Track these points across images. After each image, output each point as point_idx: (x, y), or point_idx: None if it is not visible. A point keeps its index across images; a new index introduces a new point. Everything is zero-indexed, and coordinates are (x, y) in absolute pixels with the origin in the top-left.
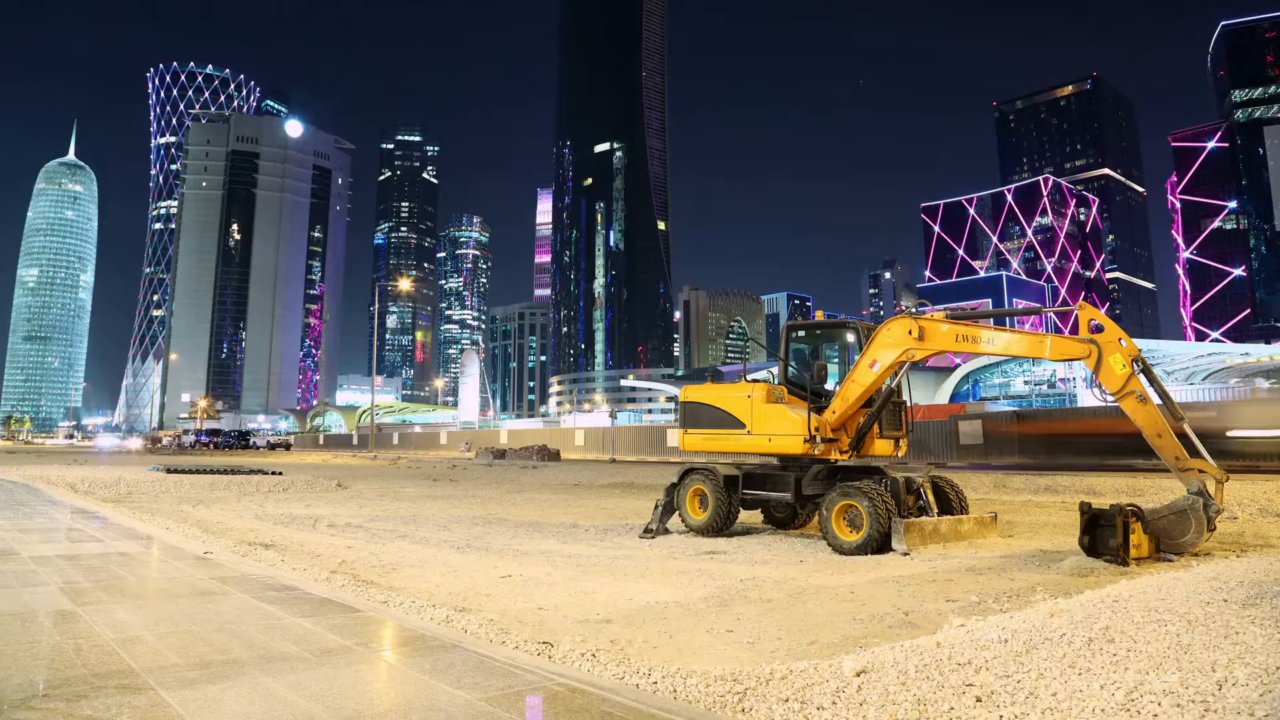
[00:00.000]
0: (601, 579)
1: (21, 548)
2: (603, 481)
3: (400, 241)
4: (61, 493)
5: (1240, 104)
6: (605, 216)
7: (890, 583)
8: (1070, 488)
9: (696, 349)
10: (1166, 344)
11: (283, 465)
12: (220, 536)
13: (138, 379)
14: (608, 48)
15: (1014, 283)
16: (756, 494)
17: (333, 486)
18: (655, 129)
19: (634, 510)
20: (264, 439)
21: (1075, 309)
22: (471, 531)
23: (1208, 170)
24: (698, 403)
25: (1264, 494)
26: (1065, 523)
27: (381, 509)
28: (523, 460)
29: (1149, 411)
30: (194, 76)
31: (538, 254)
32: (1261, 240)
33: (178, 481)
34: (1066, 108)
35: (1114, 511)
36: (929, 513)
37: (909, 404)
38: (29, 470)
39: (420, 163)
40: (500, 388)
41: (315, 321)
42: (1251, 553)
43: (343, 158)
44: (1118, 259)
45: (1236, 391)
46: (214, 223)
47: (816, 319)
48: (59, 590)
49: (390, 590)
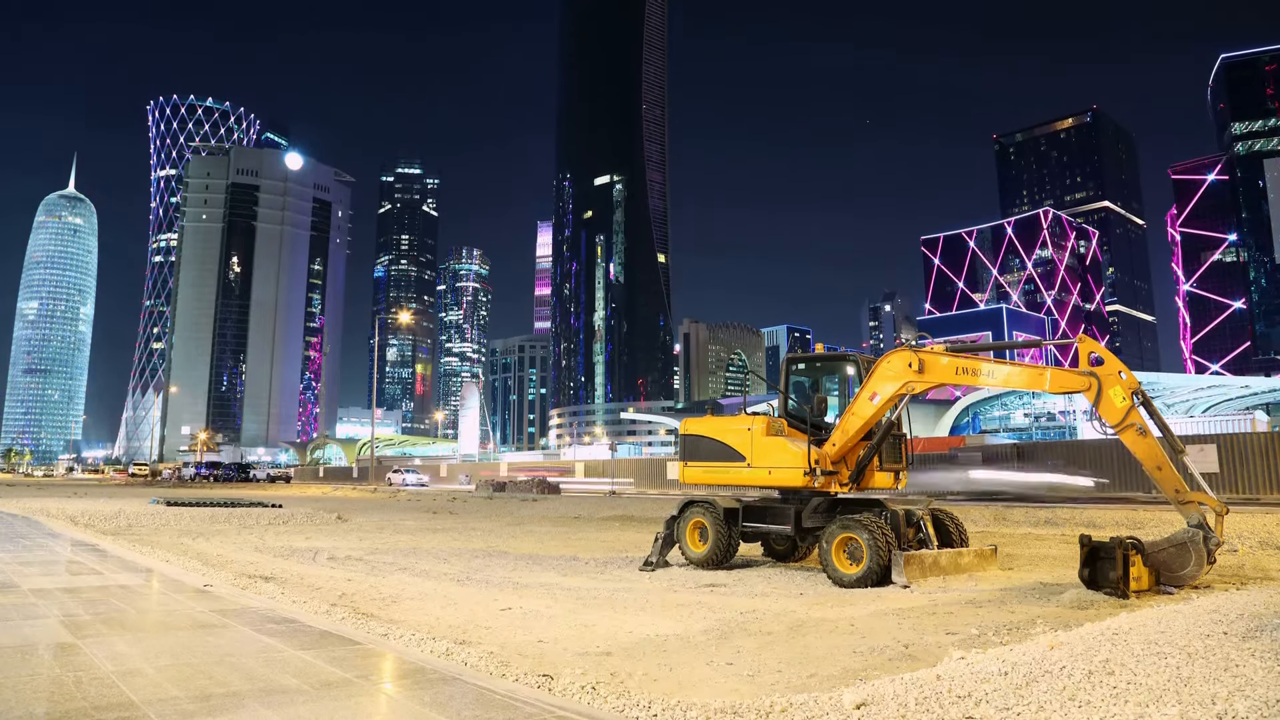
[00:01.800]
0: (601, 611)
1: (22, 580)
2: (602, 514)
3: (400, 274)
4: (61, 525)
5: (1240, 136)
6: (605, 249)
7: (890, 615)
8: (1070, 520)
9: (696, 382)
10: (1166, 377)
11: (283, 498)
12: (220, 569)
13: (138, 411)
14: (607, 80)
15: (1014, 315)
16: (756, 527)
17: (333, 519)
18: (655, 161)
19: (634, 543)
20: (264, 471)
21: (1075, 342)
22: (471, 564)
23: (1208, 203)
24: (698, 435)
25: (1264, 527)
26: (1065, 555)
27: (381, 542)
28: (523, 493)
29: (1149, 444)
30: (194, 109)
31: (538, 287)
32: (1262, 273)
33: (178, 514)
34: (1066, 140)
35: (1114, 544)
36: (929, 545)
37: (909, 437)
38: (29, 503)
39: (420, 195)
40: (500, 420)
41: (315, 354)
42: (1251, 585)
43: (343, 190)
44: (1118, 292)
45: (1236, 424)
46: (214, 255)
47: (816, 352)
48: (59, 623)
49: (390, 623)
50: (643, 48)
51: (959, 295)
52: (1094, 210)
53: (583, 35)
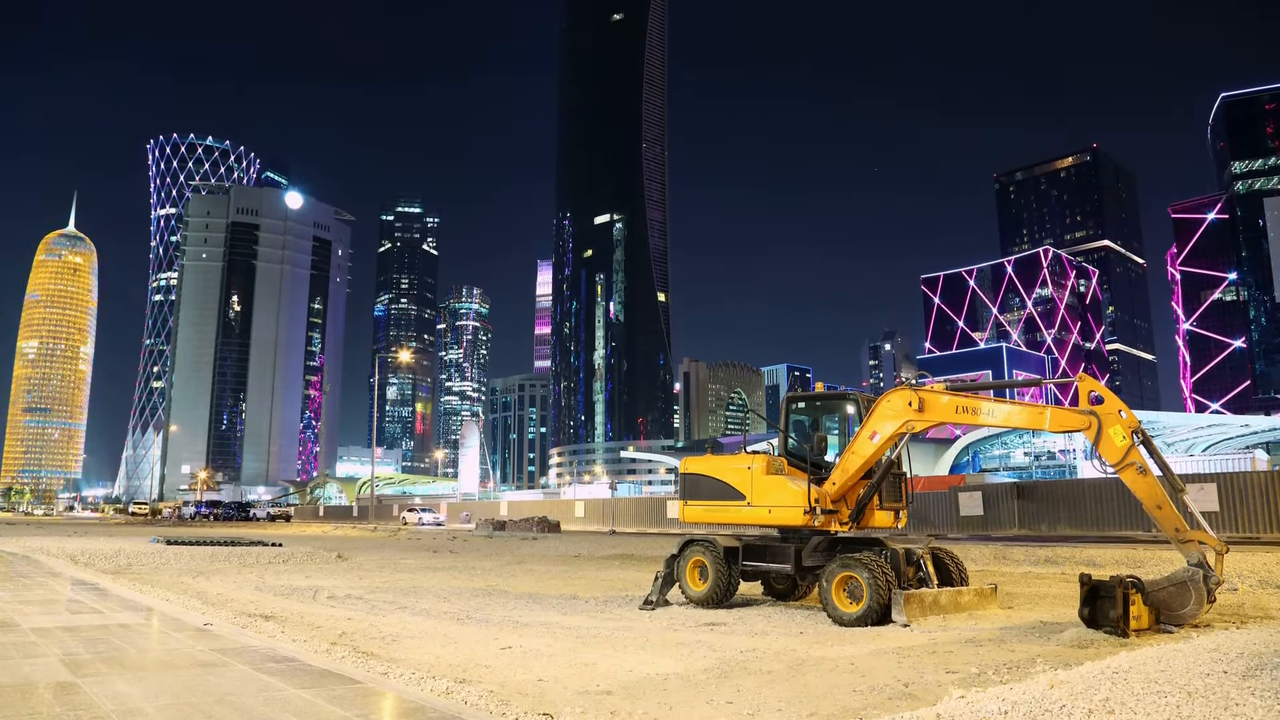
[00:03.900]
0: (602, 650)
1: (21, 619)
2: (603, 553)
3: (400, 313)
4: (61, 564)
5: (1240, 175)
6: (605, 288)
7: (890, 654)
8: (1070, 559)
9: (696, 420)
10: (1166, 415)
11: (283, 537)
12: (220, 608)
13: (138, 450)
14: (608, 119)
15: (1014, 354)
16: (756, 565)
17: (333, 558)
18: (655, 200)
19: (634, 582)
20: (264, 510)
21: (1075, 380)
22: (472, 603)
23: (1208, 241)
24: (698, 474)
25: (1264, 565)
26: (1065, 594)
27: (381, 580)
28: (523, 532)
29: (1149, 483)
30: (194, 148)
31: (538, 325)
32: (1261, 311)
33: (178, 553)
34: (1066, 179)
35: (1114, 583)
36: (929, 584)
37: (909, 475)
38: (29, 541)
39: (420, 234)
40: (500, 459)
41: (315, 393)
42: (1251, 624)
43: (343, 229)
44: (1118, 330)
45: (1236, 463)
46: (214, 294)
47: (816, 390)
48: (59, 662)
49: (390, 662)
50: (643, 87)
51: (959, 334)
52: (1094, 249)
53: (583, 75)
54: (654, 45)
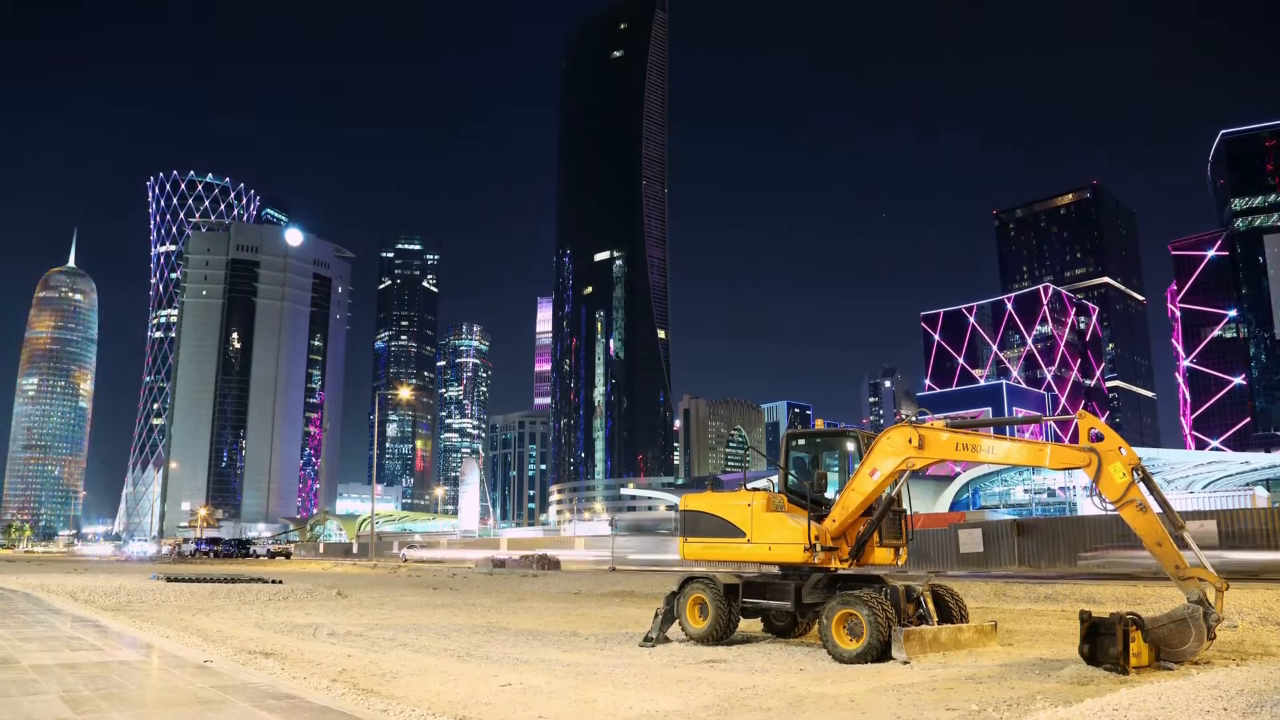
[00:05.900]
0: (602, 687)
1: (21, 656)
2: (603, 590)
3: (400, 350)
4: (61, 601)
5: (1240, 212)
6: (605, 325)
7: (890, 691)
8: (1070, 596)
9: (697, 457)
10: (1166, 452)
11: (283, 574)
12: (220, 645)
13: (138, 487)
14: (608, 157)
15: (1014, 391)
16: (756, 602)
17: (333, 595)
18: (655, 237)
19: (634, 619)
20: (264, 547)
21: (1075, 417)
22: (472, 640)
23: (1208, 278)
24: (698, 511)
25: (1264, 602)
26: (1065, 631)
27: (381, 617)
28: (523, 568)
29: (1149, 520)
30: (194, 185)
31: (538, 362)
32: (1261, 349)
33: (177, 590)
34: (1066, 216)
35: (1114, 620)
36: (929, 621)
37: (909, 512)
38: (29, 579)
39: (420, 271)
40: (500, 496)
41: (315, 430)
42: (1251, 661)
43: (343, 266)
44: (1118, 367)
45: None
46: (214, 331)
47: (816, 427)
48: (59, 699)
49: (390, 699)
50: (643, 124)
51: (959, 371)
52: (1094, 286)
53: (583, 112)
54: (654, 83)
